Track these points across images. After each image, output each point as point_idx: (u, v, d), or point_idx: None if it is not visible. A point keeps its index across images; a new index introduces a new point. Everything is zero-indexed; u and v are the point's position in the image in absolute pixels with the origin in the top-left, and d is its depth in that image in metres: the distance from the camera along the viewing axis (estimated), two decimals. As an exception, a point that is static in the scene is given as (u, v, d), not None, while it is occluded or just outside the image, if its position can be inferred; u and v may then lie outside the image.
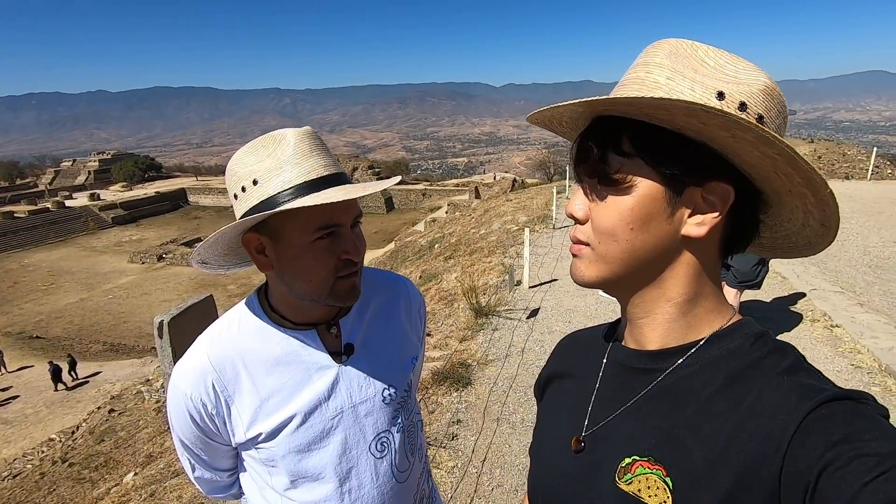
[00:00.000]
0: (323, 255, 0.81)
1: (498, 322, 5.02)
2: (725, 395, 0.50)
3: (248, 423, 0.87)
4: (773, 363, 0.50)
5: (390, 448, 0.96)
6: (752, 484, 0.45)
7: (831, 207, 0.49)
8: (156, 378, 11.32)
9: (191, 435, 0.91)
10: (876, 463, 0.39)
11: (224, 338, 0.89)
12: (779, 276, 5.63)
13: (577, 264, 0.57)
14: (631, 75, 0.53)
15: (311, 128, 0.85)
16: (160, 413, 8.50)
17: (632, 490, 0.52)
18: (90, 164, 68.31)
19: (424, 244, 14.59)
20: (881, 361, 3.63)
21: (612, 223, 0.53)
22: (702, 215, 0.52)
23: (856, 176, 15.03)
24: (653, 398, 0.56)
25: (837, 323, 4.31)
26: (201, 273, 31.20)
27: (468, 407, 3.52)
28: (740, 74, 0.50)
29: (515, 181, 33.77)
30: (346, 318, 0.95)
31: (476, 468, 2.88)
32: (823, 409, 0.44)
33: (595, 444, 0.60)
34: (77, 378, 16.15)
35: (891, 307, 4.84)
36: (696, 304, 0.55)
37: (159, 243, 37.36)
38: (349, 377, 0.92)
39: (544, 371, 0.79)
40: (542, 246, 8.15)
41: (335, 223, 0.81)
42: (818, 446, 0.42)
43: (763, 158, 0.48)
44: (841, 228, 3.55)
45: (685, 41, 0.52)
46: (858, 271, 5.95)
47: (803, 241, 0.58)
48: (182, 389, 0.87)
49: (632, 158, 0.51)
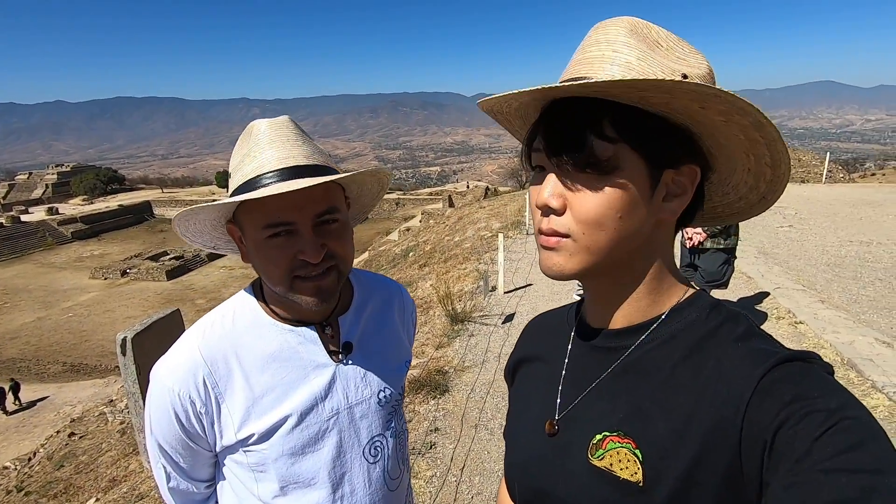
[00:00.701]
0: (275, 253, 0.77)
1: (474, 328, 5.00)
2: (687, 366, 0.52)
3: (239, 423, 0.82)
4: (728, 331, 0.52)
5: (383, 453, 0.93)
6: (716, 448, 0.47)
7: (783, 184, 0.54)
8: (119, 398, 10.83)
9: (172, 438, 0.83)
10: (825, 418, 0.41)
11: (217, 331, 0.84)
12: (744, 276, 5.81)
13: (553, 258, 0.54)
14: (593, 53, 0.52)
15: (286, 118, 0.82)
16: (124, 435, 8.12)
17: (604, 465, 0.54)
18: (48, 176, 65.64)
19: (399, 252, 14.51)
20: (843, 355, 3.77)
21: (599, 212, 0.50)
22: (676, 197, 0.53)
23: (811, 180, 15.75)
24: (619, 375, 0.57)
25: (801, 319, 4.46)
26: (167, 288, 30.29)
27: (446, 414, 3.47)
28: (689, 57, 0.51)
29: (488, 189, 34.07)
30: (344, 316, 0.92)
31: (455, 476, 2.83)
32: (776, 372, 0.46)
33: (567, 424, 0.60)
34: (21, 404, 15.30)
35: (849, 303, 5.04)
36: (657, 281, 0.57)
37: (123, 258, 36.04)
38: (346, 377, 0.88)
39: (513, 355, 0.80)
40: (515, 251, 8.20)
41: (284, 221, 0.75)
42: (773, 407, 0.44)
43: (745, 142, 0.50)
44: (800, 229, 3.70)
45: (639, 20, 0.52)
46: (818, 269, 6.20)
47: (736, 211, 0.63)
48: (168, 385, 0.80)
49: (616, 143, 0.49)
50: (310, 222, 0.76)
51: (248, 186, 0.76)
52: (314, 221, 0.77)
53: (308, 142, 0.82)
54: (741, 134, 0.50)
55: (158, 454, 0.87)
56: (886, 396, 3.14)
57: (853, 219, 9.10)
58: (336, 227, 0.80)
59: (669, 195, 0.53)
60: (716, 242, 3.71)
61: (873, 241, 7.41)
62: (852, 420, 0.41)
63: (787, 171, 0.53)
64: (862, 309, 4.87)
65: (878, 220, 8.87)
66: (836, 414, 0.41)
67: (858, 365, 3.57)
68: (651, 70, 0.49)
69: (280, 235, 0.76)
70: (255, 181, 0.76)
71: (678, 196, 0.53)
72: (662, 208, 0.53)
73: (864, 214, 9.38)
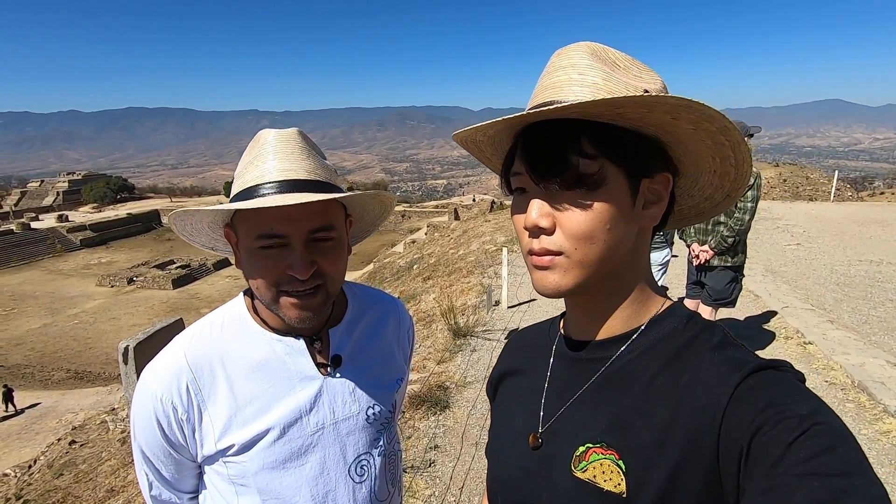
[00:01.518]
0: (264, 264, 0.76)
1: (476, 343, 4.95)
2: (666, 375, 0.53)
3: (220, 433, 0.80)
4: (704, 340, 0.54)
5: (370, 473, 0.90)
6: (696, 456, 0.48)
7: (745, 180, 0.58)
8: (121, 407, 10.80)
9: (154, 445, 0.82)
10: (797, 424, 0.43)
11: (204, 337, 0.84)
12: (752, 294, 5.73)
13: (548, 276, 0.55)
14: (560, 78, 0.54)
15: (295, 130, 0.82)
16: (125, 444, 8.07)
17: (587, 477, 0.54)
18: (59, 184, 66.54)
19: (403, 265, 14.49)
20: (853, 378, 3.69)
21: (589, 226, 0.52)
22: (654, 205, 0.56)
23: (819, 198, 15.67)
24: (601, 386, 0.58)
25: (810, 340, 4.38)
26: (173, 296, 30.42)
27: (446, 431, 3.42)
28: (644, 74, 0.55)
29: (494, 203, 34.13)
30: (335, 329, 0.91)
31: (454, 496, 2.77)
32: (751, 380, 0.48)
33: (550, 437, 0.61)
34: (15, 409, 15.27)
35: (859, 323, 4.95)
36: (643, 291, 0.59)
37: (130, 266, 36.28)
38: (333, 391, 0.87)
39: (495, 370, 0.80)
40: (520, 266, 8.15)
41: (276, 233, 0.74)
42: (748, 414, 0.46)
43: (712, 146, 0.54)
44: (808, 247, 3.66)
45: (594, 43, 0.55)
46: (827, 289, 6.11)
47: (701, 210, 0.66)
48: (152, 389, 0.79)
49: (596, 159, 0.52)
50: (302, 238, 0.75)
51: (248, 194, 0.76)
52: (307, 237, 0.76)
53: (313, 156, 0.81)
54: (708, 139, 0.54)
55: (142, 461, 0.85)
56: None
57: (862, 238, 8.99)
58: (329, 246, 0.79)
59: (648, 203, 0.56)
60: (723, 260, 3.66)
61: (883, 261, 7.30)
62: (823, 425, 0.43)
63: (749, 167, 0.57)
64: (872, 330, 4.78)
65: (888, 240, 8.76)
66: (807, 419, 0.43)
67: (870, 388, 3.48)
68: (617, 88, 0.52)
69: (272, 248, 0.75)
70: (254, 190, 0.76)
71: (656, 203, 0.56)
72: (643, 216, 0.56)
73: (874, 233, 9.27)
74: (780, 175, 22.56)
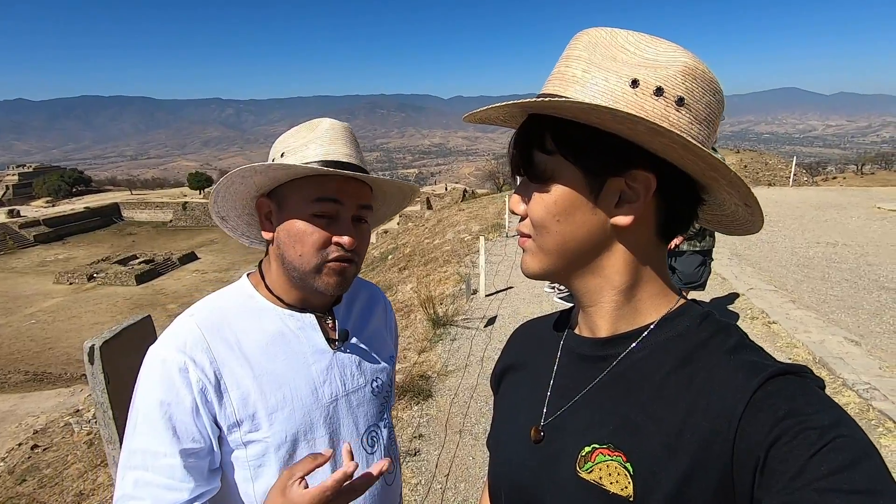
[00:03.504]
0: (315, 230, 0.81)
1: (456, 332, 4.97)
2: (678, 377, 0.52)
3: (240, 404, 0.78)
4: (720, 342, 0.52)
5: (379, 444, 0.94)
6: (708, 462, 0.46)
7: (743, 189, 0.52)
8: (86, 408, 10.40)
9: (159, 427, 0.73)
10: (818, 436, 0.41)
11: (215, 311, 0.84)
12: (719, 277, 5.95)
13: (524, 257, 0.60)
14: (555, 70, 0.55)
15: (347, 124, 0.89)
16: (92, 447, 7.80)
17: (593, 478, 0.52)
18: (8, 177, 63.04)
19: (377, 256, 14.39)
20: (815, 354, 3.88)
21: (541, 216, 0.56)
22: (628, 204, 0.53)
23: (778, 183, 16.32)
24: (608, 385, 0.56)
25: (774, 320, 4.58)
26: (137, 293, 29.41)
27: (430, 420, 3.43)
28: (659, 57, 0.50)
29: (466, 191, 34.18)
30: (338, 307, 0.95)
31: (440, 483, 2.79)
32: (769, 386, 0.46)
33: (554, 433, 0.59)
34: None
35: (819, 303, 5.21)
36: (639, 289, 0.57)
37: (89, 262, 34.79)
38: (343, 364, 0.90)
39: (500, 362, 0.79)
40: (496, 254, 8.21)
41: (335, 198, 0.81)
42: (766, 422, 0.44)
43: (665, 147, 0.50)
44: (770, 231, 3.81)
45: (605, 29, 0.52)
46: (789, 271, 6.39)
47: (740, 222, 0.60)
48: (167, 363, 0.75)
49: (553, 156, 0.54)
50: (351, 210, 0.83)
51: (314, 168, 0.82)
52: (355, 212, 0.84)
53: (359, 148, 0.90)
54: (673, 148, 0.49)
55: (134, 451, 0.74)
56: (857, 394, 3.24)
57: (819, 221, 9.43)
58: (364, 227, 0.88)
59: (622, 201, 0.53)
60: (692, 245, 3.78)
61: (839, 243, 7.69)
62: (846, 438, 0.41)
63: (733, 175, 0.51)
64: (830, 308, 5.03)
65: (843, 222, 9.21)
66: (830, 432, 0.41)
67: (830, 363, 3.68)
68: (594, 81, 0.50)
69: (323, 217, 0.81)
70: (322, 163, 0.82)
71: (631, 202, 0.53)
72: (614, 213, 0.54)
73: (829, 217, 9.73)
74: (742, 161, 23.37)
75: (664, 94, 0.49)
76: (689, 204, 0.56)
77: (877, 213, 9.89)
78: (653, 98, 0.49)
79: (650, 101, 0.49)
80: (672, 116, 0.49)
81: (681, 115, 0.50)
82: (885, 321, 4.67)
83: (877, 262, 6.60)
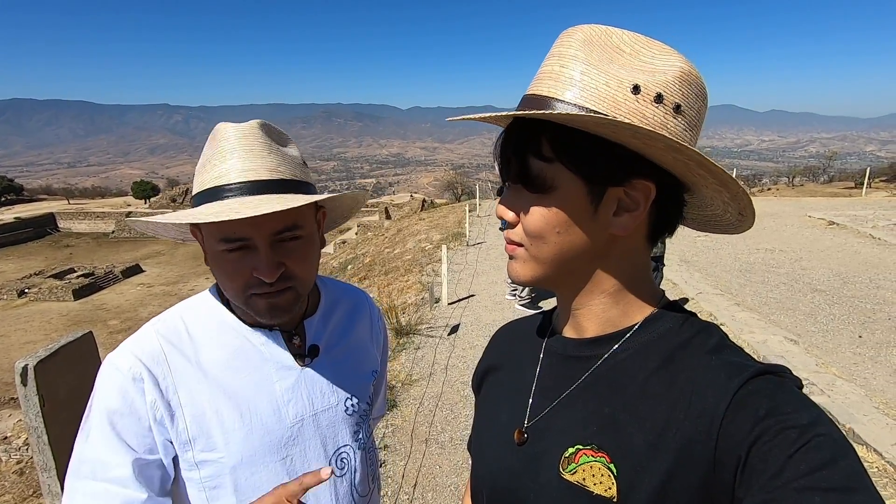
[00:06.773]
0: (230, 267, 0.73)
1: (420, 340, 4.94)
2: (660, 377, 0.52)
3: (195, 421, 0.73)
4: (701, 342, 0.53)
5: (350, 466, 0.88)
6: (691, 461, 0.46)
7: (745, 201, 0.53)
8: (16, 434, 9.58)
9: (112, 436, 0.70)
10: (798, 435, 0.42)
11: (177, 322, 0.79)
12: (670, 282, 6.22)
13: (512, 265, 0.58)
14: (546, 69, 0.52)
15: (256, 123, 0.77)
16: (23, 475, 7.17)
17: (576, 479, 0.52)
18: (-74, 185, 57.63)
19: (336, 266, 14.12)
20: (759, 353, 4.12)
21: (539, 227, 0.54)
22: (627, 213, 0.53)
23: (720, 193, 17.26)
24: (592, 385, 0.56)
25: (722, 322, 4.83)
26: (75, 308, 27.52)
27: (395, 430, 3.38)
28: (656, 60, 0.50)
29: (425, 201, 34.22)
30: (311, 320, 0.88)
31: (407, 494, 2.75)
32: (750, 385, 0.47)
33: (537, 435, 0.59)
34: None
35: (760, 305, 5.54)
36: (628, 292, 0.57)
37: (20, 276, 32.26)
38: (311, 382, 0.84)
39: (482, 363, 0.78)
40: (457, 263, 8.26)
41: (238, 237, 0.71)
42: (747, 421, 0.44)
43: (676, 161, 0.50)
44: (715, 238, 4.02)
45: (598, 27, 0.51)
46: (733, 275, 6.77)
47: (727, 223, 0.61)
48: (121, 371, 0.72)
49: (552, 163, 0.52)
50: (266, 239, 0.73)
51: (209, 196, 0.73)
52: (271, 239, 0.73)
53: (276, 151, 0.76)
54: (668, 154, 0.50)
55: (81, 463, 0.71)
56: (798, 389, 3.46)
57: (758, 228, 10.05)
58: (297, 245, 0.76)
59: (621, 210, 0.53)
60: (647, 251, 3.94)
61: (776, 249, 8.23)
62: (825, 437, 0.42)
63: (742, 192, 0.51)
64: (771, 310, 5.36)
65: (779, 230, 9.89)
66: (809, 431, 0.42)
67: (772, 362, 3.91)
68: (594, 84, 0.49)
69: (236, 251, 0.72)
70: (216, 191, 0.73)
71: (630, 211, 0.53)
72: (613, 223, 0.53)
73: (767, 225, 10.41)
74: (687, 173, 24.52)
75: (664, 101, 0.49)
76: (678, 207, 0.57)
77: (808, 222, 10.69)
78: (653, 105, 0.48)
79: (651, 109, 0.49)
80: (670, 124, 0.49)
81: (677, 123, 0.50)
82: (818, 321, 5.02)
83: (809, 266, 7.11)
